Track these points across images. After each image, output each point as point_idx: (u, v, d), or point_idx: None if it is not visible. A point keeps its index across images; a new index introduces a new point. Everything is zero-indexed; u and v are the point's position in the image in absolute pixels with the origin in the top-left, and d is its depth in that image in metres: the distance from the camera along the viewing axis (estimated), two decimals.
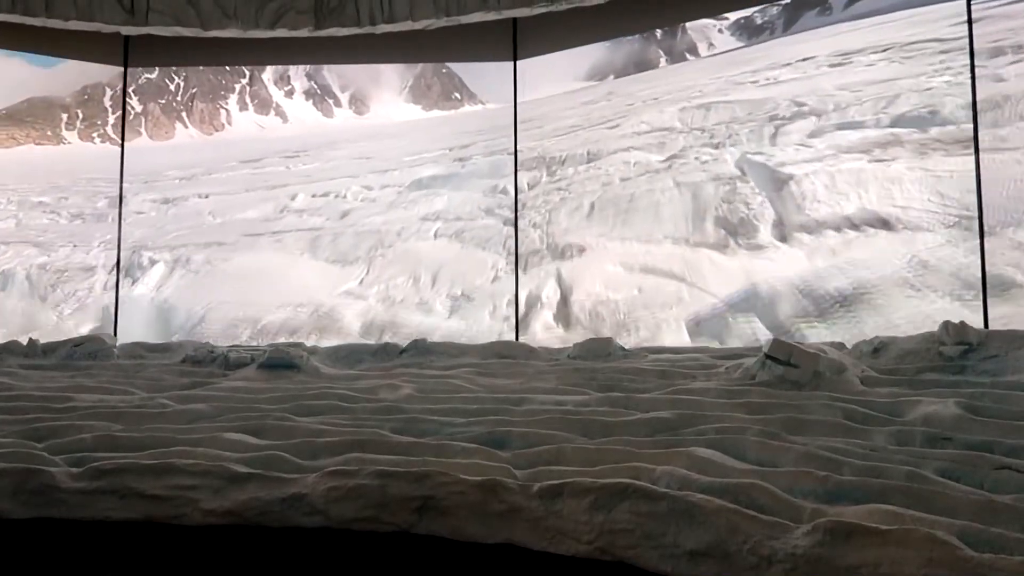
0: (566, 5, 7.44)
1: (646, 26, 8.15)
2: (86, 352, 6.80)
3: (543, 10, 7.50)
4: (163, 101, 10.66)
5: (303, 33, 7.94)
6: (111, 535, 3.53)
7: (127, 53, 8.54)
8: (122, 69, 8.80)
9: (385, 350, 6.67)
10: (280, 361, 6.03)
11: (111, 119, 9.18)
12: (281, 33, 7.94)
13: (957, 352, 4.91)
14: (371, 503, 3.35)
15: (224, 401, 5.11)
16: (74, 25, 7.78)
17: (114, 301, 8.54)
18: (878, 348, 5.35)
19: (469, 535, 3.22)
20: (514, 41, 8.12)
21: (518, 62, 8.19)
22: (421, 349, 6.59)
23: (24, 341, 7.12)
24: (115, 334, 8.15)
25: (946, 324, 5.09)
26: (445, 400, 4.94)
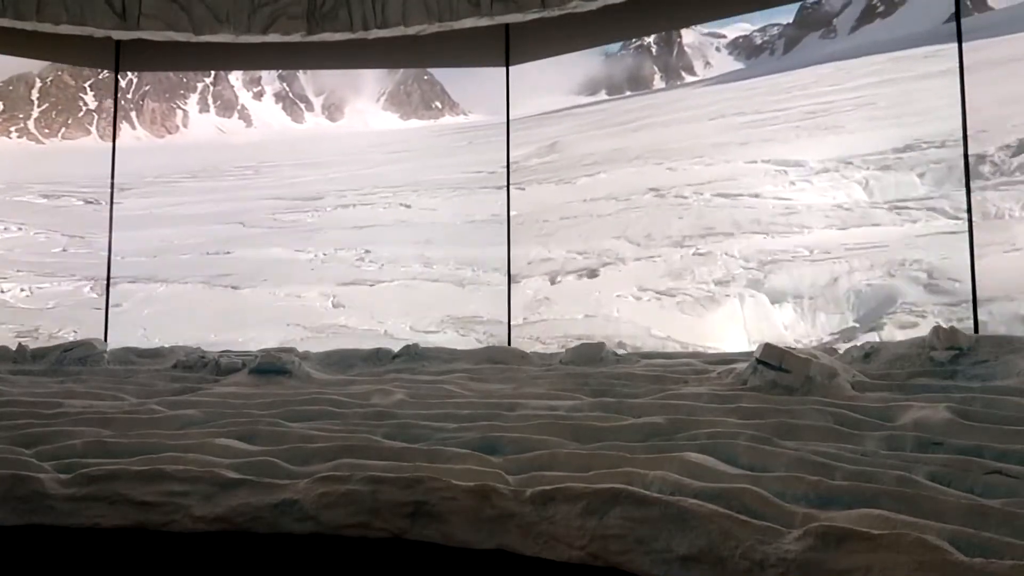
0: (558, 11, 7.45)
1: (638, 32, 8.18)
2: (76, 357, 6.76)
3: (536, 16, 7.51)
4: (109, 98, 10.47)
5: (295, 38, 7.93)
6: (101, 542, 3.51)
7: (119, 57, 8.51)
8: (113, 73, 8.77)
9: (377, 355, 6.65)
10: (271, 366, 6.01)
11: (35, 113, 9.00)
12: (273, 38, 7.93)
13: (947, 357, 4.94)
14: (363, 509, 3.34)
15: (215, 407, 5.09)
16: (65, 29, 7.75)
17: (105, 306, 8.50)
18: (869, 353, 5.37)
19: (461, 541, 3.21)
20: (506, 47, 8.14)
21: (511, 67, 8.21)
22: (413, 354, 6.57)
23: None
24: (105, 339, 8.10)
25: (936, 329, 5.11)
26: (437, 405, 4.93)
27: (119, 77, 8.90)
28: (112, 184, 8.72)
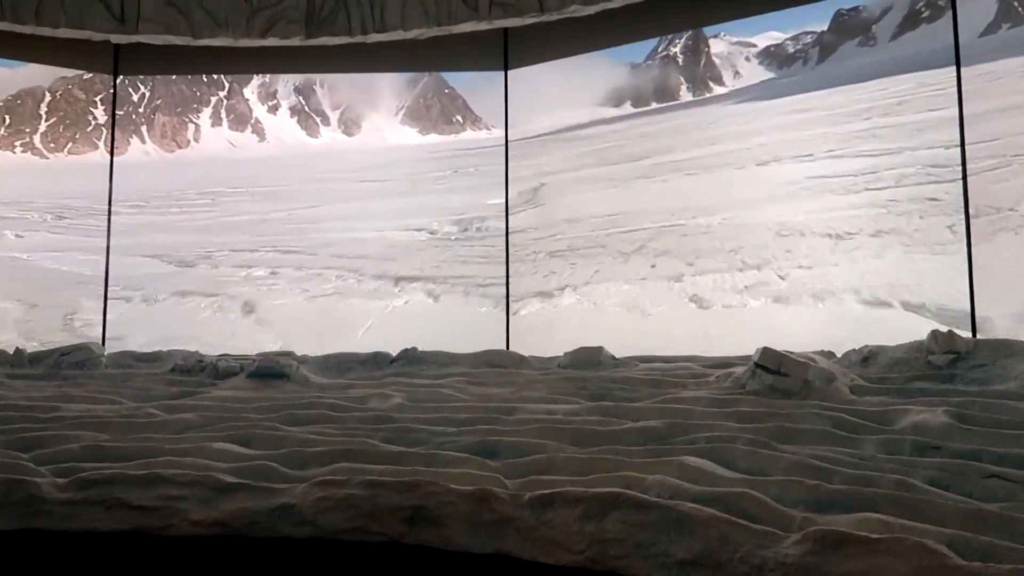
0: (557, 15, 7.47)
1: (637, 36, 8.20)
2: (73, 361, 6.75)
3: (534, 20, 7.53)
4: (120, 112, 9.65)
5: (294, 42, 7.94)
6: (98, 546, 3.50)
7: (117, 61, 8.51)
8: (111, 77, 8.77)
9: (375, 359, 6.64)
10: (269, 370, 6.00)
11: (42, 127, 8.60)
12: (272, 42, 7.94)
13: (945, 361, 4.94)
14: (361, 513, 3.33)
15: (213, 411, 5.08)
16: (64, 33, 7.76)
17: (102, 310, 8.49)
18: (867, 357, 5.37)
19: (460, 545, 3.21)
20: (505, 51, 8.15)
21: (509, 71, 8.22)
22: (411, 358, 6.57)
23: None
24: (103, 343, 8.09)
25: (934, 333, 5.11)
26: (436, 409, 4.92)
27: (130, 90, 8.83)
28: (110, 194, 8.67)
